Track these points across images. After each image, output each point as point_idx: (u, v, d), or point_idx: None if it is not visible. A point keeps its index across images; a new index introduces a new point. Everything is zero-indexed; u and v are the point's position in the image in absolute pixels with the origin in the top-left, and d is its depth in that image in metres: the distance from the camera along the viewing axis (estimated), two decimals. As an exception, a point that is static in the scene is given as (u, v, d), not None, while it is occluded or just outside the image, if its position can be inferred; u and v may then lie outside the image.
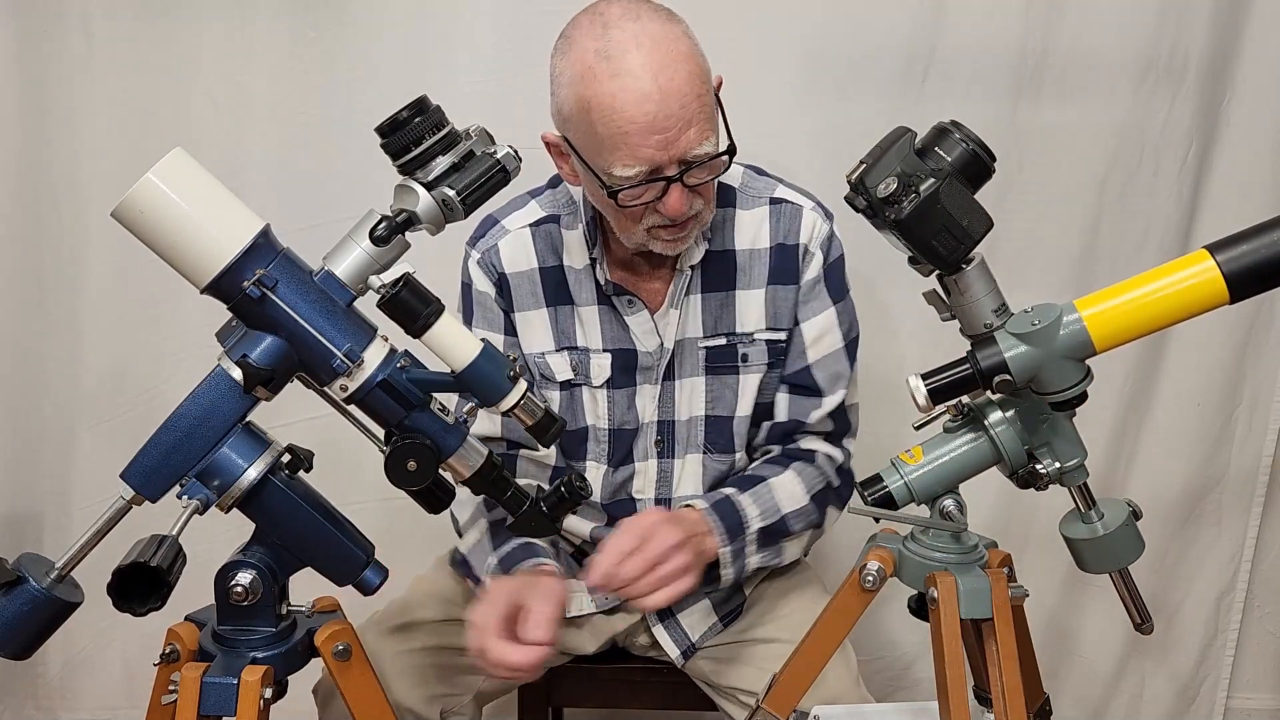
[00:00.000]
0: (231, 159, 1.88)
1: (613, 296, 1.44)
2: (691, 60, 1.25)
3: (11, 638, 1.02)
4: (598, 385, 1.47)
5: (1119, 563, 1.15)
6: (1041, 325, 1.03)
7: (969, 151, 1.05)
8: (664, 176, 1.26)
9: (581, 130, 1.27)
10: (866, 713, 1.38)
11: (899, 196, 1.03)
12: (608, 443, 1.49)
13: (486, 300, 1.47)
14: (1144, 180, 1.93)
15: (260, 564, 1.05)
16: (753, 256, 1.45)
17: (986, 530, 1.19)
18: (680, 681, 1.58)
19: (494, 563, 1.40)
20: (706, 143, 1.26)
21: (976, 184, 1.06)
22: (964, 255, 1.06)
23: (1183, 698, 2.18)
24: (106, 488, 1.01)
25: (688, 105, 1.23)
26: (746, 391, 1.48)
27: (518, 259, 1.46)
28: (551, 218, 1.47)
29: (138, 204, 0.96)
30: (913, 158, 1.05)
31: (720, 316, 1.46)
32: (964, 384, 1.06)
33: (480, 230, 1.49)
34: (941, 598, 1.10)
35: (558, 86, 1.29)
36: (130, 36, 1.87)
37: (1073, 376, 1.05)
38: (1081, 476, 1.13)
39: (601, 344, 1.46)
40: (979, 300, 1.08)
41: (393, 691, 1.37)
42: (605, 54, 1.23)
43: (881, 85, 1.89)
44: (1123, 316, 1.03)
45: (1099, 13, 1.87)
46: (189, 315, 1.89)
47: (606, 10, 1.26)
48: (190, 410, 1.02)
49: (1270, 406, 2.06)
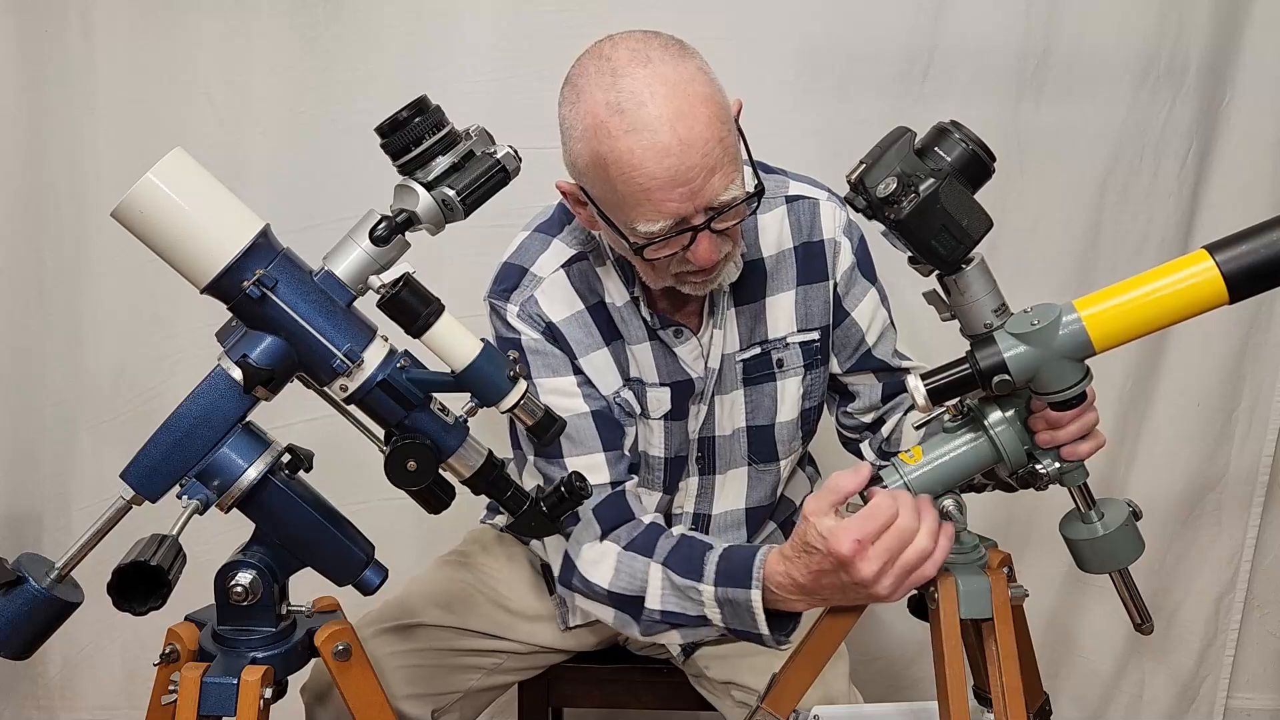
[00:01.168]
0: (231, 159, 1.88)
1: (659, 331, 1.39)
2: (710, 102, 1.17)
3: (11, 638, 1.02)
4: (656, 418, 1.42)
5: (1119, 563, 1.15)
6: (1040, 325, 1.03)
7: (969, 151, 1.05)
8: (691, 227, 1.20)
9: (599, 185, 1.21)
10: (867, 713, 1.38)
11: (898, 196, 1.03)
12: (663, 470, 1.45)
13: (541, 346, 1.36)
14: (1144, 180, 1.93)
15: (260, 564, 1.05)
16: (779, 260, 1.42)
17: (986, 530, 1.19)
18: (680, 681, 1.58)
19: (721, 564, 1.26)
20: (733, 187, 1.19)
21: (976, 184, 1.06)
22: (963, 255, 1.05)
23: (1183, 698, 2.18)
24: (106, 488, 1.02)
25: (710, 153, 1.16)
26: (786, 397, 1.46)
27: (558, 307, 1.36)
28: (581, 256, 1.38)
29: (138, 204, 0.96)
30: (912, 158, 1.05)
31: (754, 327, 1.43)
32: (963, 384, 1.06)
33: (508, 282, 1.38)
34: (941, 598, 1.10)
35: (569, 139, 1.22)
36: (130, 36, 1.88)
37: (1072, 377, 1.05)
38: (1081, 476, 1.13)
39: (658, 378, 1.41)
40: (979, 300, 1.08)
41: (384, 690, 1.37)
42: (618, 107, 1.15)
43: (881, 85, 1.89)
44: (1122, 316, 1.02)
45: (1099, 13, 1.88)
46: (189, 315, 1.89)
47: (613, 54, 1.18)
48: (190, 410, 1.02)
49: (1270, 406, 2.06)
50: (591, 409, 1.36)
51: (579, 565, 1.31)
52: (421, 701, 1.46)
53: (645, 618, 1.28)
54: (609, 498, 1.34)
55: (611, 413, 1.38)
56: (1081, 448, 1.12)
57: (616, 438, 1.37)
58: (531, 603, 1.55)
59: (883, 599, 1.11)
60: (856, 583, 1.09)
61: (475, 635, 1.51)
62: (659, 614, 1.27)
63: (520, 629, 1.53)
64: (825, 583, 1.13)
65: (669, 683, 1.60)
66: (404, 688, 1.44)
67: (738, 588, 1.20)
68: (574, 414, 1.34)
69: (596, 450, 1.34)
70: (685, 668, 1.55)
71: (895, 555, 1.08)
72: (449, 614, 1.50)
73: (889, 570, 1.08)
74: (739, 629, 1.23)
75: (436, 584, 1.55)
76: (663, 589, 1.26)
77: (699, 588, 1.23)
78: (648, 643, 1.56)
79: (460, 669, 1.50)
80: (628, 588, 1.28)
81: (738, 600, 1.20)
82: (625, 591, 1.28)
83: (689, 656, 1.53)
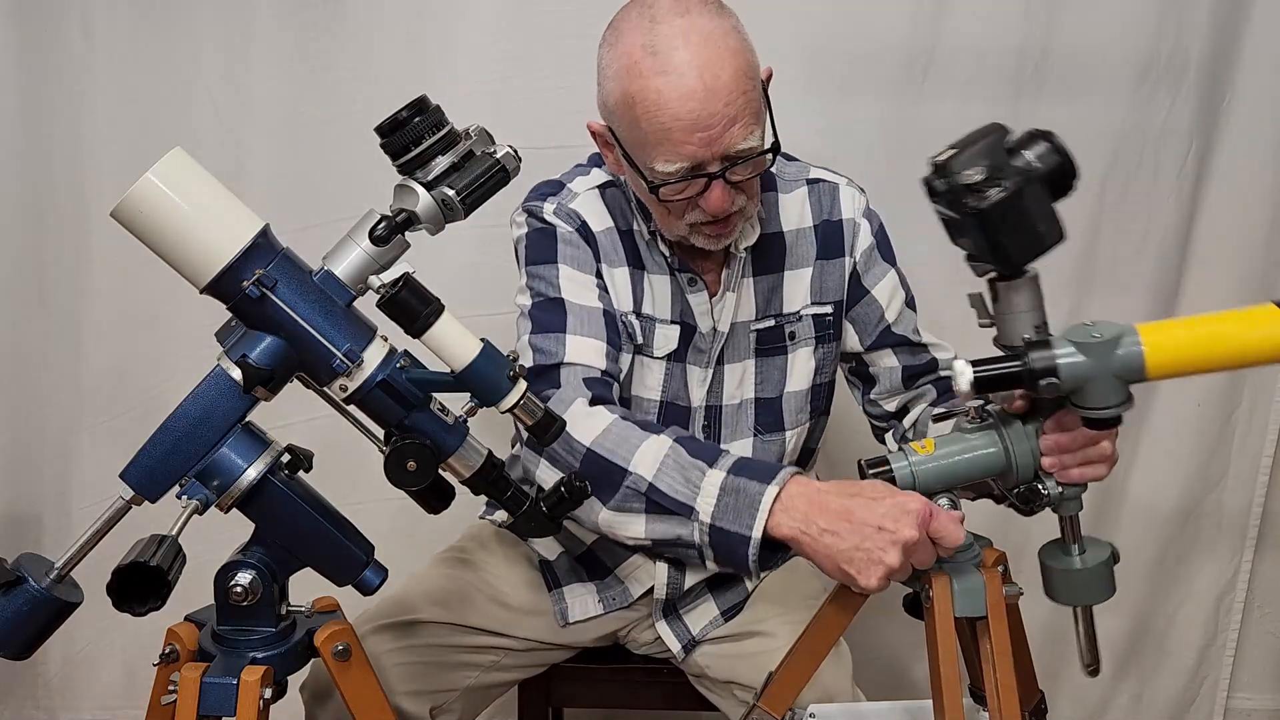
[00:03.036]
0: (231, 159, 1.88)
1: (677, 271, 1.43)
2: (739, 56, 1.25)
3: (11, 638, 1.02)
4: (659, 356, 1.45)
5: (1086, 600, 1.15)
6: (1101, 339, 1.02)
7: (1058, 161, 1.05)
8: (706, 173, 1.26)
9: (626, 124, 1.28)
10: (862, 711, 1.38)
11: (984, 186, 1.03)
12: (657, 415, 1.47)
13: (574, 239, 1.40)
14: (1144, 180, 1.94)
15: (260, 564, 1.05)
16: (799, 236, 1.47)
17: (986, 530, 1.20)
18: (679, 681, 1.58)
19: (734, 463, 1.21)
20: (751, 137, 1.26)
21: (1056, 195, 1.06)
22: (1030, 260, 1.06)
23: (1183, 698, 2.18)
24: (106, 488, 1.01)
25: (733, 102, 1.23)
26: (795, 368, 1.49)
27: (593, 217, 1.42)
28: (615, 182, 1.45)
29: (137, 204, 0.96)
30: (1002, 153, 1.04)
31: (770, 299, 1.47)
32: (1011, 379, 1.04)
33: (544, 191, 1.44)
34: (936, 596, 1.11)
35: (604, 78, 1.29)
36: (130, 36, 1.88)
37: (1115, 397, 1.04)
38: (1076, 509, 1.13)
39: (669, 315, 1.45)
40: (1023, 314, 1.07)
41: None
42: (652, 49, 1.23)
43: (881, 85, 1.89)
44: (1183, 350, 1.02)
45: (1099, 13, 1.88)
46: (189, 315, 1.89)
47: (656, 3, 1.26)
48: (190, 410, 1.02)
49: (1270, 406, 2.06)
50: (604, 307, 1.39)
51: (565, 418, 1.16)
52: (420, 699, 1.46)
53: (628, 485, 1.21)
54: (599, 378, 1.33)
55: (618, 323, 1.41)
56: (1085, 471, 1.11)
57: (617, 342, 1.39)
58: (530, 599, 1.55)
59: (879, 569, 1.08)
60: (887, 531, 1.07)
61: (474, 632, 1.51)
62: (646, 485, 1.19)
63: (519, 625, 1.53)
64: (852, 514, 1.09)
65: (669, 683, 1.60)
66: (402, 685, 1.44)
67: (756, 480, 1.16)
68: (587, 304, 1.37)
69: (600, 338, 1.36)
70: (685, 667, 1.55)
71: (926, 558, 1.09)
72: (447, 611, 1.50)
73: (909, 557, 1.08)
74: (726, 529, 1.15)
75: (435, 581, 1.55)
76: (662, 462, 1.20)
77: (706, 470, 1.18)
78: (649, 639, 1.56)
79: (458, 666, 1.50)
80: (612, 451, 1.22)
81: (746, 491, 1.15)
82: (607, 455, 1.22)
83: (689, 655, 1.53)
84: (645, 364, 1.45)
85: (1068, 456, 1.10)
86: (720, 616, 1.53)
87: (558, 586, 1.56)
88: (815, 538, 1.12)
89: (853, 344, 1.52)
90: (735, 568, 1.19)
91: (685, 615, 1.54)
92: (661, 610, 1.54)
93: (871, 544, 1.08)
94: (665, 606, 1.54)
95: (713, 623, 1.53)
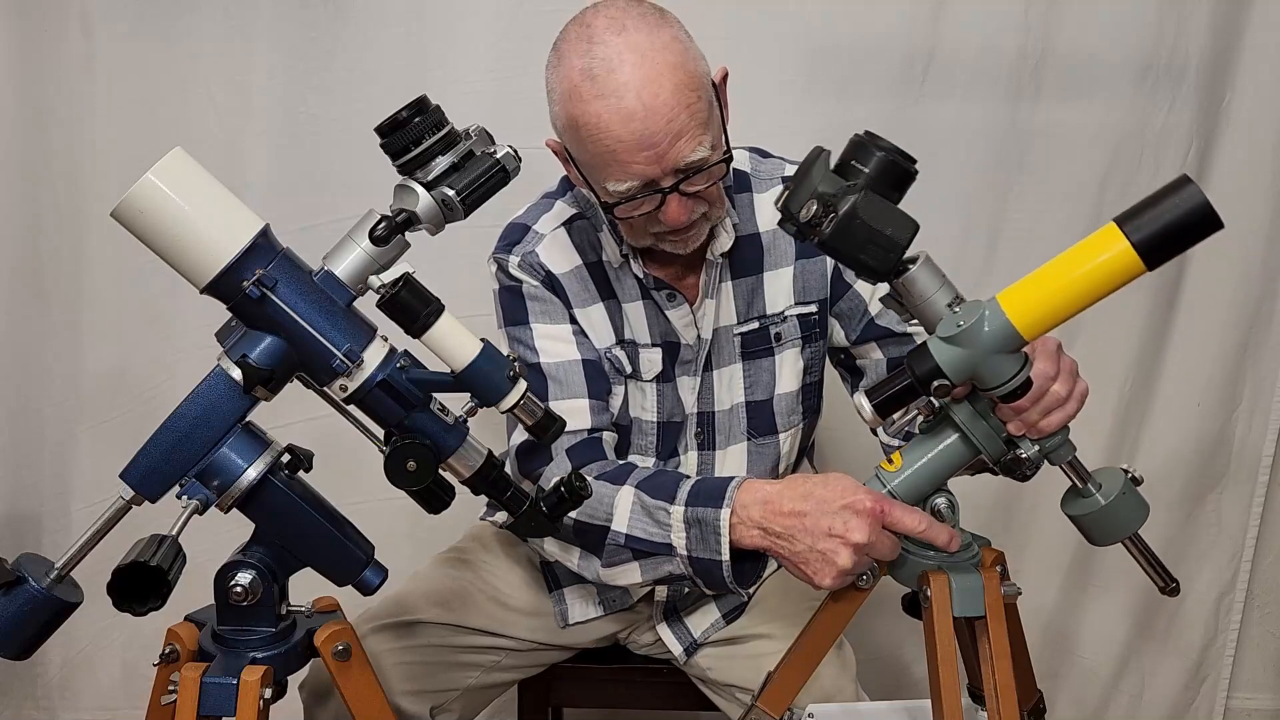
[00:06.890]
0: (231, 159, 1.88)
1: (653, 291, 1.43)
2: (679, 70, 1.22)
3: (11, 638, 1.02)
4: (648, 379, 1.45)
5: (1127, 530, 1.14)
6: (967, 325, 1.02)
7: (885, 160, 1.04)
8: (660, 189, 1.25)
9: (575, 145, 1.28)
10: (861, 711, 1.38)
11: (820, 218, 1.03)
12: (655, 435, 1.47)
13: (540, 293, 1.41)
14: (1144, 180, 1.94)
15: (260, 564, 1.05)
16: (776, 236, 1.45)
17: (986, 530, 1.20)
18: (679, 681, 1.58)
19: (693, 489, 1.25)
20: (700, 148, 1.24)
21: (900, 189, 1.05)
22: (895, 263, 1.05)
23: (1183, 698, 2.18)
24: (106, 488, 1.01)
25: (675, 118, 1.21)
26: (784, 370, 1.48)
27: (559, 260, 1.42)
28: (581, 215, 1.45)
29: (137, 204, 0.96)
30: (831, 176, 1.05)
31: (752, 301, 1.46)
32: (906, 393, 1.06)
33: (510, 238, 1.45)
34: (934, 596, 1.11)
35: (551, 101, 1.29)
36: (130, 36, 1.88)
37: (1009, 369, 1.04)
38: (1069, 452, 1.12)
39: (650, 338, 1.45)
40: (931, 298, 1.07)
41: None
42: (590, 73, 1.21)
43: (881, 85, 1.90)
44: (1044, 302, 1.01)
45: (1099, 13, 1.88)
46: (189, 315, 1.90)
47: (593, 21, 1.24)
48: (190, 410, 1.02)
49: (1270, 406, 2.06)
50: (583, 357, 1.40)
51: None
52: (419, 699, 1.46)
53: (610, 542, 1.26)
54: (583, 441, 1.36)
55: (601, 365, 1.41)
56: (1052, 419, 1.11)
57: (602, 389, 1.40)
58: (530, 600, 1.56)
59: (832, 569, 1.12)
60: (837, 536, 1.10)
61: (473, 633, 1.51)
62: (624, 538, 1.26)
63: (519, 626, 1.54)
64: (804, 516, 1.13)
65: (669, 683, 1.60)
66: (402, 685, 1.44)
67: (709, 507, 1.20)
68: (565, 360, 1.39)
69: (581, 396, 1.38)
70: (687, 669, 1.56)
71: (886, 550, 1.11)
72: (447, 611, 1.50)
73: (867, 553, 1.11)
74: (701, 558, 1.21)
75: (435, 581, 1.55)
76: (632, 511, 1.26)
77: (669, 509, 1.23)
78: (650, 641, 1.56)
79: (458, 666, 1.50)
80: (593, 517, 1.27)
81: (706, 520, 1.20)
82: (590, 520, 1.27)
83: (690, 658, 1.53)
84: (639, 387, 1.46)
85: (1028, 415, 1.10)
86: (722, 619, 1.53)
87: (558, 587, 1.56)
88: (774, 541, 1.17)
89: (839, 339, 1.52)
90: (722, 590, 1.26)
91: (687, 618, 1.54)
92: (663, 613, 1.54)
93: (825, 545, 1.12)
94: (666, 609, 1.54)
95: (714, 625, 1.53)
